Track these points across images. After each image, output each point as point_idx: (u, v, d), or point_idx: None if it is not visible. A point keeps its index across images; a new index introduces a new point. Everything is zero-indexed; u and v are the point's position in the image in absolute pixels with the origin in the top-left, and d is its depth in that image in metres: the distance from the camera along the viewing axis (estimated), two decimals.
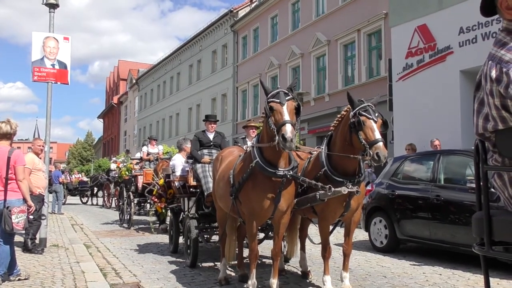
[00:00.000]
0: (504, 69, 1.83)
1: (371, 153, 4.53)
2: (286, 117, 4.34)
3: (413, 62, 13.13)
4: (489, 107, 1.91)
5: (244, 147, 6.43)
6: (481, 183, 1.93)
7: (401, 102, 13.50)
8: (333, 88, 22.01)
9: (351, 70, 21.63)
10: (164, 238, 9.80)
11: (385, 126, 4.86)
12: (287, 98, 4.48)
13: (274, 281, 4.90)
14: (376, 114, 4.75)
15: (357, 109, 4.76)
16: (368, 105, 4.79)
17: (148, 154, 13.54)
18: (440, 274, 6.27)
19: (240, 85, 31.44)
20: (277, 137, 4.30)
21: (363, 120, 4.66)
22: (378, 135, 4.61)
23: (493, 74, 1.87)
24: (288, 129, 4.22)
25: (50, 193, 15.62)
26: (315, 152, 5.53)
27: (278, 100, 4.46)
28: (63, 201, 19.99)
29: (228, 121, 32.47)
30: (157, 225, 11.53)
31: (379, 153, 4.49)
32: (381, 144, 4.55)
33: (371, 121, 4.67)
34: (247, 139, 7.67)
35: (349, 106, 4.92)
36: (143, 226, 12.68)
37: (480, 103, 2.00)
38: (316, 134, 22.10)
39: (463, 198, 6.75)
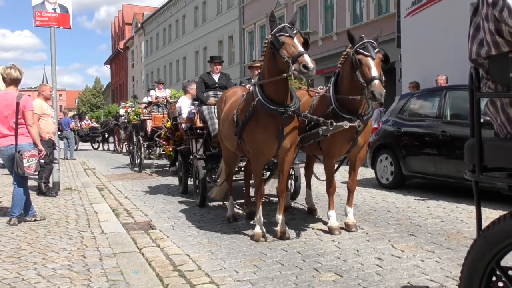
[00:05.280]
0: None
1: (367, 91, 4.52)
2: (301, 48, 4.34)
3: None
4: (484, 32, 1.88)
5: (247, 86, 6.42)
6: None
7: (409, 38, 13.16)
8: (341, 27, 21.51)
9: (360, 8, 21.04)
10: (174, 180, 10.01)
11: (386, 62, 4.78)
12: (294, 32, 4.45)
13: (280, 217, 5.04)
14: (376, 50, 4.67)
15: (355, 47, 4.71)
16: (368, 42, 4.71)
17: (156, 97, 13.63)
18: (444, 208, 6.40)
19: (246, 27, 30.84)
20: (292, 67, 4.27)
21: (359, 58, 4.62)
22: (374, 73, 4.54)
23: None
24: (308, 59, 4.22)
25: (61, 139, 15.85)
26: (322, 90, 5.52)
27: (288, 34, 4.42)
28: (75, 147, 20.29)
29: (235, 63, 32.13)
30: (167, 168, 11.71)
31: (374, 91, 4.46)
32: (376, 82, 4.49)
33: (368, 58, 4.61)
34: (252, 80, 7.62)
35: None
36: (154, 169, 12.92)
37: (476, 28, 1.97)
38: (324, 74, 21.83)
39: (469, 133, 6.72)
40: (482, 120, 1.95)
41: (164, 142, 9.51)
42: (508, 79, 1.80)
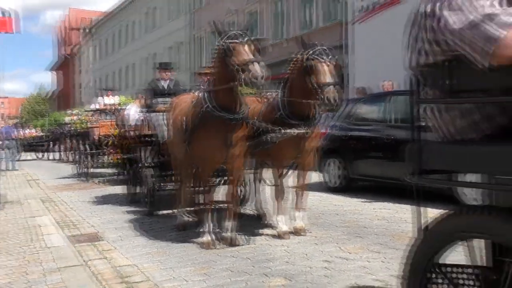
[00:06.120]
0: (438, 4, 1.86)
1: (322, 97, 4.60)
2: (251, 55, 4.31)
3: (369, 5, 13.11)
4: (422, 42, 1.96)
5: (196, 93, 6.38)
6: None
7: (357, 45, 13.58)
8: (291, 34, 21.81)
9: (309, 14, 21.43)
10: (123, 189, 9.77)
11: (338, 69, 4.90)
12: (245, 39, 4.43)
13: (229, 224, 5.01)
14: (330, 57, 4.76)
15: (310, 52, 4.77)
16: (322, 48, 4.79)
17: (105, 104, 13.33)
18: (389, 209, 6.59)
19: (197, 33, 30.72)
20: (242, 76, 4.23)
21: (314, 64, 4.69)
22: (329, 79, 4.63)
23: (428, 8, 1.90)
24: (257, 68, 4.19)
25: (2, 149, 15.18)
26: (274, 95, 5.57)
27: (238, 40, 4.39)
28: (17, 158, 19.44)
29: (185, 70, 31.90)
30: (115, 177, 11.45)
31: (329, 97, 4.55)
32: (331, 88, 4.59)
33: (323, 64, 4.69)
34: (201, 87, 7.58)
35: None
36: (101, 178, 12.56)
37: (414, 37, 2.04)
38: (276, 80, 22.01)
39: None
40: (422, 124, 2.02)
41: (112, 150, 9.29)
42: (445, 86, 1.88)
